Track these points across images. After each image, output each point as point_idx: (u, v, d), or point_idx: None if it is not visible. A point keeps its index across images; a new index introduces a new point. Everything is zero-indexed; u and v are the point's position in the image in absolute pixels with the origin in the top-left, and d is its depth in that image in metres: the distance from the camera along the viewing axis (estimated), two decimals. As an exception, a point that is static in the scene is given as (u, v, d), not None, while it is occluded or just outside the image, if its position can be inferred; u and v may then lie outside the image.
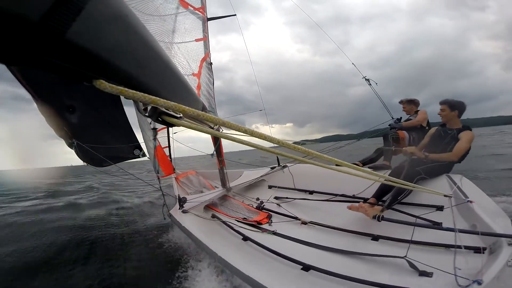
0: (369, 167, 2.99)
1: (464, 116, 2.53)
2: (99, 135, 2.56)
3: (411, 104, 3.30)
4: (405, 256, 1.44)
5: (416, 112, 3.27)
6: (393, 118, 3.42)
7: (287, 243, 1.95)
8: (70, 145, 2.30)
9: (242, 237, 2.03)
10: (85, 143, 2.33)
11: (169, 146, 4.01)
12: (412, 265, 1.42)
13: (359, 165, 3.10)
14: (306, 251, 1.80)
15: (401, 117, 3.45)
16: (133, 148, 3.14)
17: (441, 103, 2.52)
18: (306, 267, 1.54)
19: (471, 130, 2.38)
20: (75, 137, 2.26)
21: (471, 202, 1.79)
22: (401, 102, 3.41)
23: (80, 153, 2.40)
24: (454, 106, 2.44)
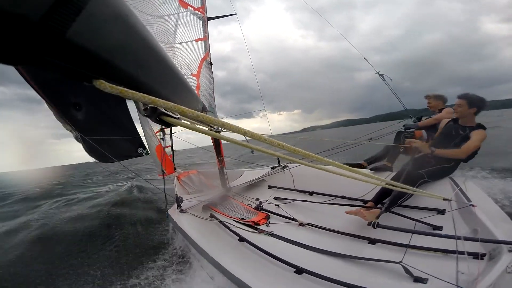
0: (370, 168, 2.95)
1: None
2: (103, 132, 2.60)
3: (438, 100, 2.97)
4: (401, 261, 1.42)
5: (441, 110, 2.93)
6: (411, 117, 3.17)
7: (283, 245, 1.94)
8: (77, 139, 2.35)
9: (238, 238, 2.02)
10: (90, 139, 2.38)
11: (172, 146, 4.03)
12: (407, 271, 1.40)
13: (363, 165, 2.98)
14: (301, 254, 1.79)
15: (421, 116, 3.16)
16: (137, 147, 3.17)
17: (460, 97, 2.29)
18: (299, 270, 1.53)
19: (485, 129, 2.22)
20: (81, 132, 2.31)
21: (473, 206, 1.75)
22: (427, 97, 3.08)
23: (87, 148, 2.45)
24: (474, 103, 2.22)
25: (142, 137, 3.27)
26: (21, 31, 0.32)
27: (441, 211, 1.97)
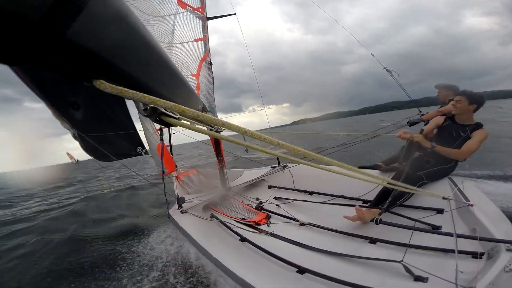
0: (362, 168, 2.90)
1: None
2: (102, 131, 2.58)
3: (448, 91, 2.81)
4: (401, 261, 1.43)
5: (451, 100, 2.68)
6: (421, 112, 3.09)
7: (284, 245, 1.94)
8: (74, 136, 2.34)
9: (239, 238, 2.03)
10: (89, 138, 2.36)
11: (170, 145, 4.03)
12: (408, 270, 1.40)
13: (381, 166, 2.86)
14: (303, 254, 1.79)
15: (427, 113, 3.06)
16: (136, 146, 3.16)
17: (459, 93, 2.24)
18: (301, 270, 1.53)
19: (483, 127, 2.17)
20: (79, 130, 2.29)
21: (472, 205, 1.76)
22: (437, 86, 2.94)
23: (84, 146, 2.43)
24: (474, 100, 2.16)
25: (141, 134, 3.25)
26: (21, 31, 0.32)
27: (440, 211, 1.97)
